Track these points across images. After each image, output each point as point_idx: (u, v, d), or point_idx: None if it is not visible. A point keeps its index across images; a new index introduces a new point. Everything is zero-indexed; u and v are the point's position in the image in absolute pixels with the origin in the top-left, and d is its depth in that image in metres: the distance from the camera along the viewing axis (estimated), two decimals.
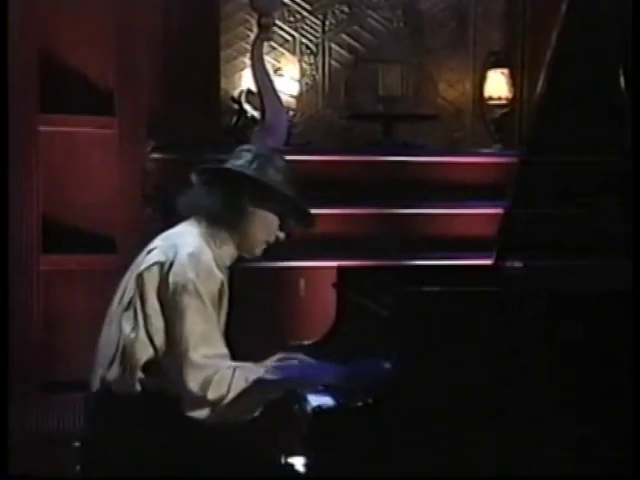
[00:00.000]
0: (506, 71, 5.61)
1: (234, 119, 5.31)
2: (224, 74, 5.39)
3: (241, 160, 2.91)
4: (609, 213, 3.20)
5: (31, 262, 4.51)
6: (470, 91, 5.84)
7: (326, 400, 2.77)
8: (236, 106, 5.34)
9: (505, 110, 5.60)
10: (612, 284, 2.92)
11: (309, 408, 2.73)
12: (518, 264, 3.37)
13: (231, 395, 2.70)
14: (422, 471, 2.66)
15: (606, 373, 2.77)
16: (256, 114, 5.24)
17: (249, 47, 5.31)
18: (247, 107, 5.31)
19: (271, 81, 5.19)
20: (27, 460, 3.89)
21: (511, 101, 5.60)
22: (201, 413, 2.71)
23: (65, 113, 4.59)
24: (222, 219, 2.87)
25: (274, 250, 4.68)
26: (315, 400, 2.77)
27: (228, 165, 2.93)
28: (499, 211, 3.57)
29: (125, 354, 2.77)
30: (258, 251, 2.99)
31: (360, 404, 2.66)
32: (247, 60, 5.34)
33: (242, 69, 5.49)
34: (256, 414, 2.78)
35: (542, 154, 3.38)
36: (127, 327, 2.78)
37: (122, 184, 4.61)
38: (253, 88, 5.23)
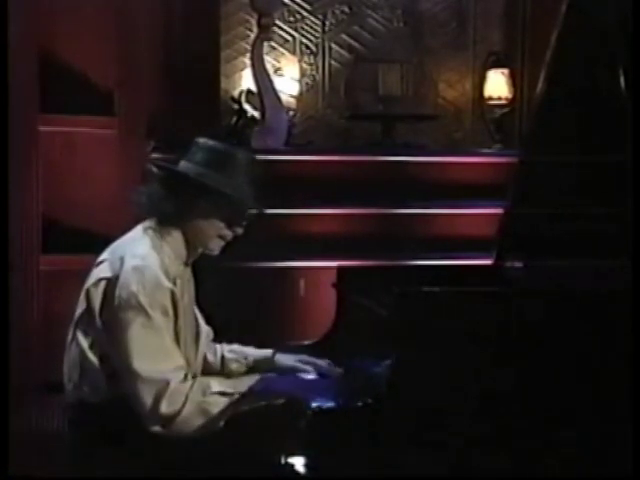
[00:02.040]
0: (506, 71, 5.61)
1: (234, 119, 5.31)
2: (224, 74, 5.40)
3: (195, 157, 2.85)
4: (609, 213, 3.20)
5: (31, 262, 4.51)
6: (470, 91, 5.84)
7: (326, 400, 2.76)
8: (236, 106, 5.34)
9: (505, 110, 5.60)
10: (612, 284, 2.92)
11: (309, 408, 2.73)
12: (518, 264, 3.37)
13: (188, 409, 2.64)
14: (422, 471, 2.66)
15: (606, 373, 2.77)
16: (256, 114, 5.24)
17: (249, 47, 5.32)
18: (247, 107, 5.31)
19: (271, 81, 5.19)
20: (27, 460, 3.89)
21: (511, 101, 5.60)
22: (156, 428, 2.65)
23: (65, 113, 4.60)
24: (170, 216, 2.81)
25: (274, 250, 4.71)
26: (315, 400, 2.77)
27: (182, 162, 2.87)
28: (499, 211, 3.57)
29: (88, 370, 2.74)
30: (214, 246, 2.88)
31: (360, 404, 2.66)
32: (247, 60, 5.35)
33: (242, 69, 5.49)
34: (219, 426, 2.71)
35: (542, 154, 3.38)
36: (83, 343, 2.75)
37: (122, 184, 4.61)
38: (253, 88, 5.23)
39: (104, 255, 2.83)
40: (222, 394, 2.71)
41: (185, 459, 2.74)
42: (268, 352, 3.13)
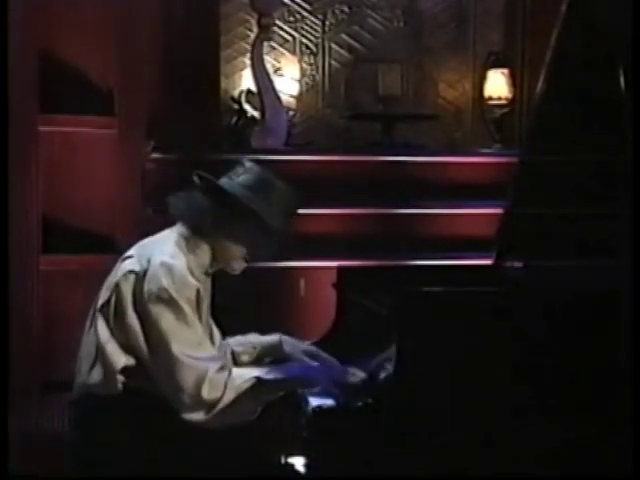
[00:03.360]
0: (506, 71, 5.61)
1: (234, 119, 5.31)
2: (224, 74, 5.39)
3: (240, 178, 2.88)
4: (609, 213, 3.20)
5: (31, 262, 4.51)
6: (470, 91, 5.84)
7: (326, 400, 2.77)
8: (236, 106, 5.34)
9: (505, 110, 5.59)
10: (612, 284, 2.92)
11: (309, 408, 2.73)
12: (518, 264, 3.37)
13: (228, 396, 2.70)
14: (422, 471, 2.66)
15: (606, 373, 2.77)
16: (256, 114, 5.24)
17: (249, 47, 5.31)
18: (247, 107, 5.31)
19: (271, 81, 5.19)
20: (27, 460, 3.89)
21: (511, 101, 5.60)
22: (198, 415, 2.70)
23: (65, 113, 4.60)
24: (204, 229, 2.86)
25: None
26: (315, 400, 2.77)
27: (225, 179, 2.90)
28: (499, 211, 3.57)
29: (104, 360, 2.77)
30: (237, 267, 2.95)
31: (360, 404, 2.66)
32: (247, 60, 5.34)
33: (242, 69, 5.49)
34: (256, 415, 2.77)
35: (542, 154, 3.38)
36: (102, 332, 2.78)
37: (122, 184, 4.61)
38: (253, 88, 5.23)
39: (131, 251, 2.89)
40: (259, 380, 2.75)
41: (185, 459, 2.74)
42: (275, 338, 3.17)
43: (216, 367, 2.72)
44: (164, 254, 2.79)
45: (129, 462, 2.73)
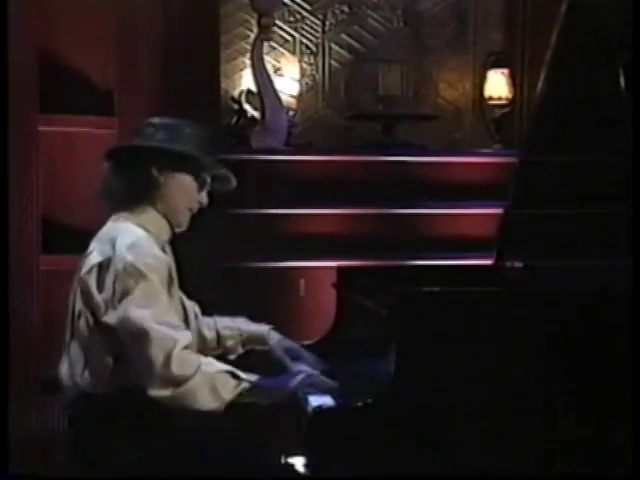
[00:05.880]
0: (506, 71, 5.61)
1: (234, 119, 5.31)
2: (224, 74, 5.39)
3: (142, 134, 2.90)
4: (609, 213, 3.20)
5: (31, 262, 4.51)
6: (470, 91, 5.83)
7: (326, 400, 2.77)
8: (236, 106, 5.34)
9: (505, 110, 5.59)
10: (612, 284, 2.92)
11: (309, 408, 2.73)
12: (518, 264, 3.37)
13: (197, 379, 2.65)
14: (422, 471, 2.66)
15: (606, 373, 2.77)
16: (256, 114, 5.23)
17: (249, 47, 5.31)
18: (247, 107, 5.30)
19: (271, 81, 5.18)
20: (27, 460, 3.89)
21: (511, 101, 5.59)
22: (164, 392, 2.64)
23: (65, 113, 4.59)
24: (139, 197, 2.86)
25: (274, 250, 4.71)
26: (315, 400, 2.77)
27: (136, 139, 2.91)
28: (499, 211, 3.57)
29: (93, 360, 2.76)
30: (183, 219, 2.92)
31: (360, 404, 2.66)
32: (247, 60, 5.34)
33: (242, 69, 5.48)
34: (220, 410, 2.71)
35: (542, 154, 3.38)
36: (86, 333, 2.77)
37: None
38: (253, 88, 5.23)
39: (91, 246, 2.86)
40: (233, 375, 2.72)
41: (185, 459, 2.74)
42: (263, 329, 3.17)
43: (186, 339, 2.69)
44: (126, 233, 2.77)
45: (128, 462, 2.72)
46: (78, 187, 4.68)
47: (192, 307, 3.08)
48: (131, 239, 2.75)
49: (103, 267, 2.74)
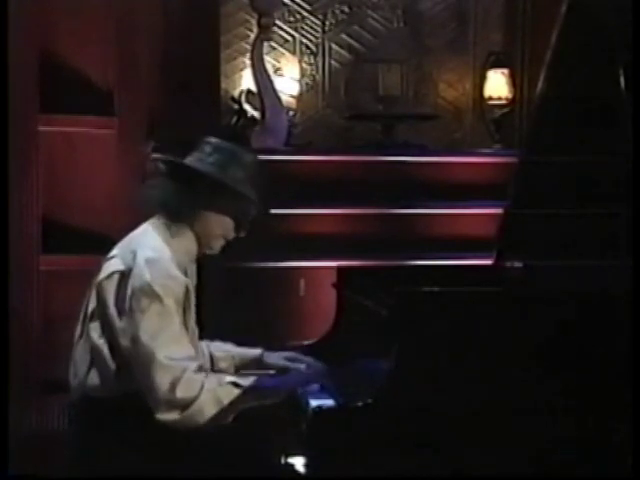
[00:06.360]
0: (506, 71, 5.60)
1: (234, 119, 5.31)
2: (224, 74, 5.39)
3: (201, 154, 2.88)
4: (609, 213, 3.20)
5: (31, 262, 4.51)
6: (470, 91, 5.83)
7: (326, 400, 2.77)
8: (236, 106, 5.34)
9: (505, 110, 5.59)
10: (612, 284, 2.92)
11: (309, 408, 2.73)
12: (518, 264, 3.37)
13: (203, 397, 2.67)
14: (422, 471, 2.66)
15: (606, 373, 2.77)
16: (256, 114, 5.23)
17: (249, 47, 5.31)
18: (247, 107, 5.30)
19: (271, 81, 5.18)
20: (27, 460, 3.89)
21: (511, 101, 5.59)
22: (172, 415, 2.66)
23: (65, 113, 4.60)
24: (179, 214, 2.84)
25: (274, 250, 4.71)
26: (315, 400, 2.77)
27: (192, 159, 2.89)
28: (499, 211, 3.57)
29: (99, 363, 2.76)
30: (216, 246, 2.93)
31: (360, 404, 2.66)
32: (247, 60, 5.34)
33: (242, 69, 5.48)
34: (229, 420, 2.73)
35: (542, 154, 3.38)
36: (95, 336, 2.77)
37: (122, 184, 4.61)
38: (253, 88, 5.23)
39: (114, 251, 2.86)
40: (235, 385, 2.72)
41: (186, 459, 2.74)
42: (256, 352, 3.15)
43: (193, 367, 2.70)
44: (148, 248, 2.76)
45: (129, 463, 2.72)
46: (78, 187, 4.68)
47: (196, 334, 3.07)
48: (152, 254, 2.74)
49: (124, 276, 2.75)
